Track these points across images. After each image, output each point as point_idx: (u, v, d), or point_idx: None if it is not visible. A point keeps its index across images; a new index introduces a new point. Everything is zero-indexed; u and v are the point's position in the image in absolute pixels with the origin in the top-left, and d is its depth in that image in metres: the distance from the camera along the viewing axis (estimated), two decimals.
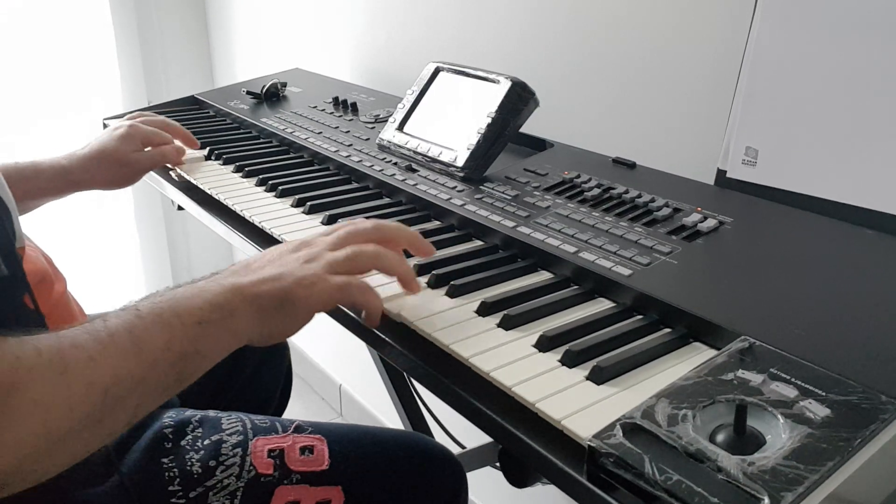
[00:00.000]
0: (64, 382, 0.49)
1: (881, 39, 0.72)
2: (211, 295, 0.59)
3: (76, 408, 0.50)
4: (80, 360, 0.50)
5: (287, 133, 1.19)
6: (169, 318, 0.56)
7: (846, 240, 0.71)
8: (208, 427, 0.78)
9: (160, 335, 0.55)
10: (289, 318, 0.62)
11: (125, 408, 0.53)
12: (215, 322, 0.58)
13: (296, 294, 0.62)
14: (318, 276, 0.63)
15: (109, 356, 0.52)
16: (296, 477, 0.75)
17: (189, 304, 0.57)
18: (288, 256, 0.66)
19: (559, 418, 0.53)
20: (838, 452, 0.45)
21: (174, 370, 0.56)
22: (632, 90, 1.07)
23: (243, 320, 0.60)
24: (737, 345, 0.56)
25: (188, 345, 0.56)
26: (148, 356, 0.54)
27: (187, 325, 0.56)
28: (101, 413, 0.51)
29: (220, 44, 2.24)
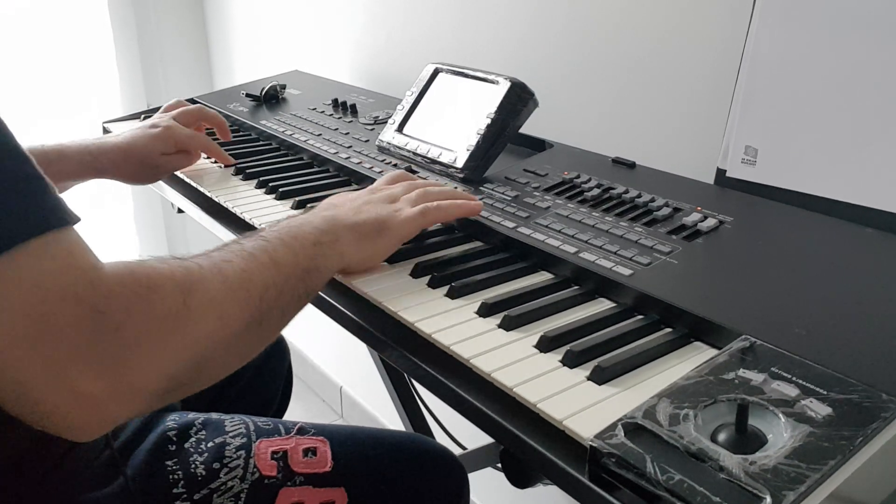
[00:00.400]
0: (228, 287, 0.57)
1: (879, 38, 0.72)
2: (317, 223, 0.70)
3: (243, 309, 0.58)
4: (235, 271, 0.59)
5: (286, 135, 1.19)
6: (290, 240, 0.66)
7: (846, 238, 0.71)
8: (211, 429, 0.78)
9: (288, 254, 0.64)
10: (382, 243, 0.74)
11: (274, 315, 0.62)
12: (326, 244, 0.69)
13: (389, 223, 0.74)
14: (404, 208, 0.77)
15: (255, 269, 0.60)
16: (299, 479, 0.75)
17: (302, 230, 0.68)
18: (369, 196, 0.78)
19: (561, 418, 0.53)
20: (840, 451, 0.45)
21: (302, 284, 0.65)
22: (631, 90, 1.07)
23: (345, 244, 0.70)
24: (738, 344, 0.56)
25: (309, 262, 0.66)
26: (283, 270, 0.63)
27: (306, 246, 0.67)
28: (260, 316, 0.59)
29: (219, 46, 2.24)
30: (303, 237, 0.67)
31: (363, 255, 0.73)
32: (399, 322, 0.68)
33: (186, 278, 0.55)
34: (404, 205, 0.77)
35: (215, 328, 0.55)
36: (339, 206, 0.75)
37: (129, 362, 0.50)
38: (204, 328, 0.54)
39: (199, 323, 0.54)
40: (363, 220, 0.73)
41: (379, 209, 0.75)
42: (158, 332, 0.51)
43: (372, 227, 0.73)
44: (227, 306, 0.56)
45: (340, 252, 0.70)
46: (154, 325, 0.51)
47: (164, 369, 0.52)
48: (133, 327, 0.50)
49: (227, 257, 0.60)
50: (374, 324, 0.70)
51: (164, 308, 0.52)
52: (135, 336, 0.50)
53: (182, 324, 0.53)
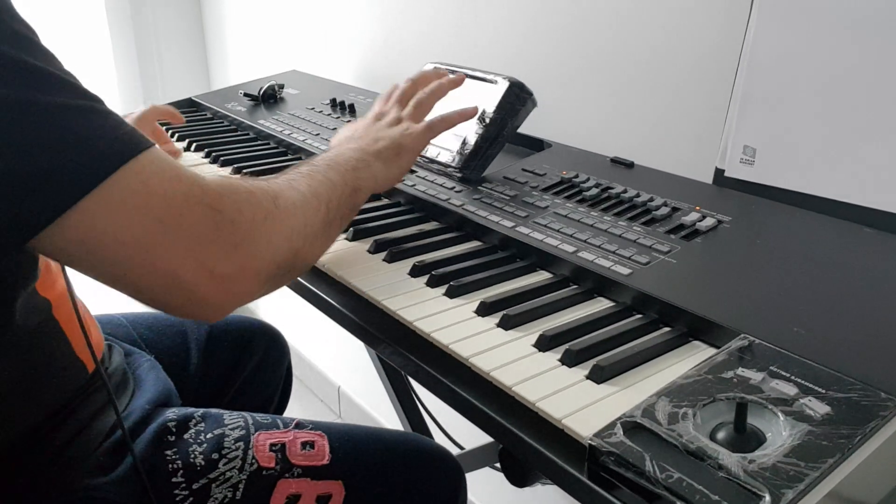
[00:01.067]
0: (302, 197, 0.68)
1: (877, 38, 0.73)
2: (350, 154, 0.79)
3: (317, 212, 0.68)
4: (302, 185, 0.69)
5: (285, 135, 1.19)
6: (336, 166, 0.75)
7: (844, 237, 0.71)
8: (211, 422, 0.79)
9: (337, 177, 0.73)
10: (403, 162, 0.83)
11: (337, 221, 0.72)
12: (362, 168, 0.78)
13: (404, 144, 0.83)
14: (411, 126, 0.85)
15: (318, 184, 0.71)
16: (297, 471, 0.76)
17: (342, 158, 0.77)
18: (377, 124, 0.87)
19: (560, 417, 0.53)
20: (838, 449, 0.45)
21: (350, 200, 0.75)
22: (630, 90, 1.07)
23: (375, 168, 0.79)
24: (736, 343, 0.56)
25: (353, 182, 0.75)
26: (337, 189, 0.72)
27: (348, 171, 0.76)
28: (329, 219, 0.70)
29: (217, 46, 2.24)
30: (343, 163, 0.76)
31: (391, 175, 0.82)
32: (398, 321, 0.68)
33: (270, 187, 0.66)
34: (409, 122, 0.86)
35: (301, 225, 0.66)
36: (358, 139, 0.84)
37: (247, 249, 0.60)
38: (293, 224, 0.65)
39: (288, 220, 0.64)
40: (383, 146, 0.82)
41: (392, 133, 0.84)
42: (263, 226, 0.62)
43: (392, 150, 0.82)
44: (306, 210, 0.67)
45: (374, 174, 0.79)
46: (259, 220, 0.61)
47: (271, 255, 0.62)
48: (244, 222, 0.60)
49: (291, 177, 0.70)
50: (373, 323, 0.70)
51: (262, 209, 0.62)
52: (247, 228, 0.60)
53: (278, 220, 0.63)
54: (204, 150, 1.19)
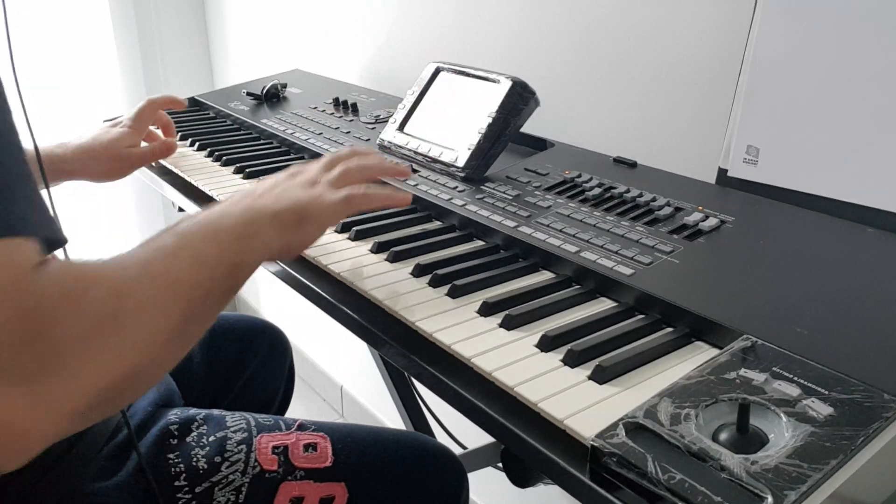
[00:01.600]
0: (154, 291, 0.54)
1: (882, 36, 0.72)
2: (237, 216, 0.65)
3: (172, 312, 0.54)
4: (160, 272, 0.55)
5: (288, 134, 1.19)
6: (213, 235, 0.62)
7: (848, 238, 0.71)
8: (213, 424, 0.79)
9: (212, 251, 0.61)
10: (305, 232, 0.70)
11: (199, 315, 0.58)
12: (249, 237, 0.64)
13: (311, 210, 0.69)
14: (325, 193, 0.71)
15: (180, 267, 0.57)
16: (300, 473, 0.76)
17: (224, 223, 0.64)
18: (288, 182, 0.73)
19: (562, 418, 0.53)
20: (841, 451, 0.45)
21: (227, 281, 0.62)
22: (632, 89, 1.07)
23: (268, 235, 0.66)
24: (739, 344, 0.56)
25: (235, 257, 0.62)
26: (208, 269, 0.59)
27: (230, 241, 0.63)
28: (186, 318, 0.56)
29: (220, 45, 2.24)
30: (225, 232, 0.63)
31: (289, 244, 0.69)
32: (400, 321, 0.68)
33: (116, 280, 0.52)
34: (325, 188, 0.72)
35: (147, 334, 0.51)
36: (257, 194, 0.71)
37: (53, 375, 0.45)
38: (135, 335, 0.50)
39: (130, 329, 0.50)
40: (283, 208, 0.68)
41: (299, 195, 0.70)
42: (87, 340, 0.47)
43: (293, 215, 0.68)
44: (155, 311, 0.53)
45: (265, 243, 0.66)
46: (83, 331, 0.47)
47: (91, 383, 0.47)
48: (61, 333, 0.45)
49: (151, 256, 0.57)
50: (375, 323, 0.70)
51: (94, 314, 0.48)
52: (62, 344, 0.45)
53: (113, 331, 0.49)
54: (207, 149, 1.19)
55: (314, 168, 0.75)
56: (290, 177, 0.74)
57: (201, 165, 1.14)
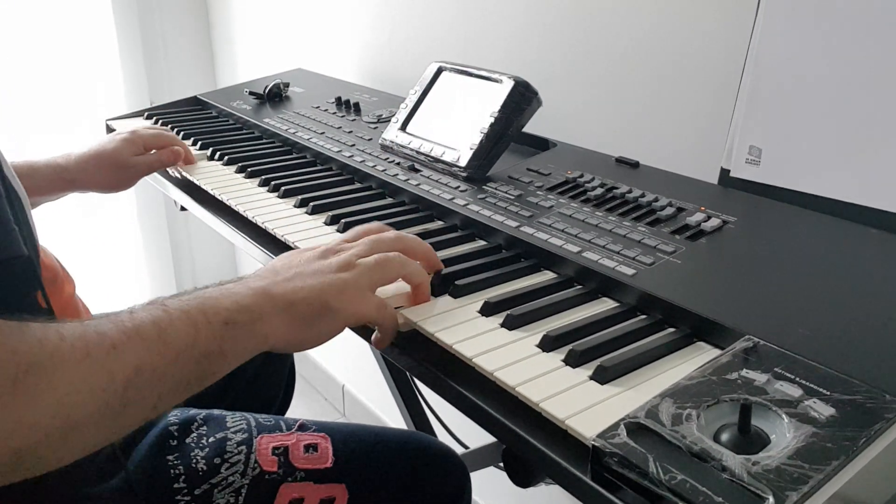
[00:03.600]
0: (85, 369, 0.48)
1: (885, 38, 0.72)
2: (240, 297, 0.58)
3: (96, 396, 0.49)
4: (102, 348, 0.50)
5: (290, 133, 1.19)
6: (196, 315, 0.55)
7: (850, 239, 0.71)
8: (213, 425, 0.78)
9: (185, 331, 0.54)
10: (324, 327, 0.61)
11: (144, 402, 0.52)
12: (242, 324, 0.57)
13: (335, 305, 0.61)
14: (358, 289, 0.62)
15: (133, 347, 0.51)
16: (300, 474, 0.76)
17: (216, 304, 0.57)
18: (317, 263, 0.64)
19: (563, 418, 0.52)
20: (843, 452, 0.45)
21: (198, 368, 0.55)
22: (635, 89, 1.07)
23: (271, 325, 0.59)
24: (741, 344, 0.56)
25: (213, 344, 0.55)
26: (172, 351, 0.53)
27: (213, 324, 0.56)
28: (120, 404, 0.50)
29: (223, 44, 2.24)
30: (213, 313, 0.56)
31: (296, 339, 0.61)
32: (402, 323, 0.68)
33: (31, 351, 0.47)
34: (358, 278, 0.63)
35: (49, 417, 0.47)
36: (278, 274, 0.63)
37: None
38: (33, 415, 0.46)
39: (27, 408, 0.45)
40: (303, 297, 0.60)
41: (326, 282, 0.62)
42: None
43: (313, 308, 0.60)
44: (75, 393, 0.48)
45: (263, 333, 0.58)
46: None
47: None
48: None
49: (103, 328, 0.51)
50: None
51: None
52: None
53: (2, 406, 0.45)
54: (209, 148, 1.19)
55: (350, 248, 0.67)
56: (321, 257, 0.66)
57: (204, 165, 1.14)
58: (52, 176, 1.03)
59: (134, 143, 1.08)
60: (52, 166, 1.03)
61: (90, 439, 0.50)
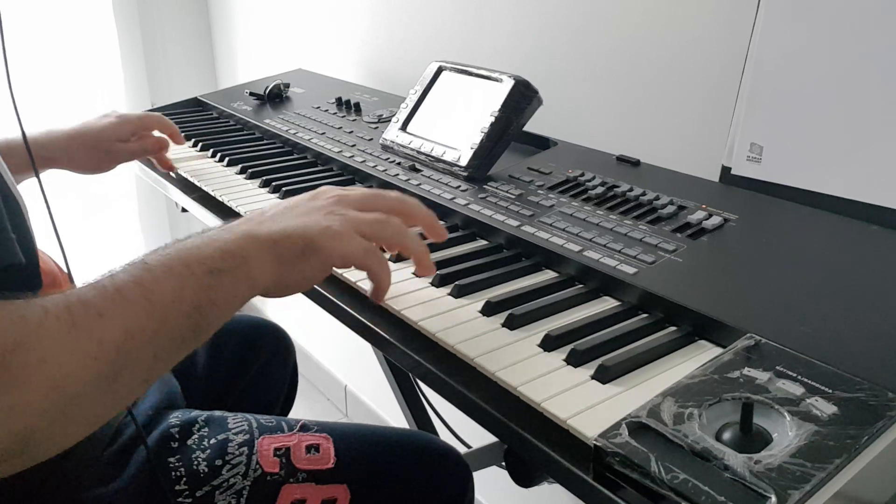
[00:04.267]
0: (73, 339, 0.47)
1: (885, 35, 0.72)
2: (222, 242, 0.56)
3: (88, 365, 0.47)
4: (88, 316, 0.48)
5: (290, 134, 1.19)
6: (179, 268, 0.53)
7: (852, 236, 0.71)
8: (214, 426, 0.78)
9: (170, 286, 0.52)
10: (309, 267, 0.59)
11: (140, 364, 0.51)
12: (228, 270, 0.55)
13: (319, 243, 0.59)
14: (344, 229, 0.60)
15: (119, 311, 0.49)
16: (302, 475, 0.75)
17: (199, 252, 0.55)
18: (307, 204, 0.63)
19: (565, 417, 0.52)
20: (845, 450, 0.45)
21: (189, 321, 0.53)
22: (636, 88, 1.07)
23: (258, 268, 0.57)
24: (742, 342, 0.56)
25: (201, 294, 0.54)
26: (159, 308, 0.51)
27: (198, 275, 0.54)
28: (114, 370, 0.49)
29: (223, 45, 2.24)
30: (197, 263, 0.54)
31: (283, 280, 0.59)
32: (403, 321, 0.68)
33: (15, 328, 0.45)
34: (347, 225, 0.61)
35: (43, 393, 0.45)
36: (266, 216, 0.61)
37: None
38: (27, 394, 0.45)
39: (20, 387, 0.44)
40: (287, 234, 0.58)
41: (311, 221, 0.60)
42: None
43: (294, 245, 0.58)
44: (65, 364, 0.46)
45: (251, 277, 0.56)
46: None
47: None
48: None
49: (86, 296, 0.49)
50: (379, 323, 0.69)
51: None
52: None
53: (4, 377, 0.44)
54: (210, 149, 1.19)
55: (347, 197, 0.64)
56: (312, 199, 0.64)
57: (204, 166, 1.14)
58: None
59: (121, 127, 1.06)
60: (33, 143, 1.01)
61: (91, 410, 0.49)
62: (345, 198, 0.64)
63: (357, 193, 0.65)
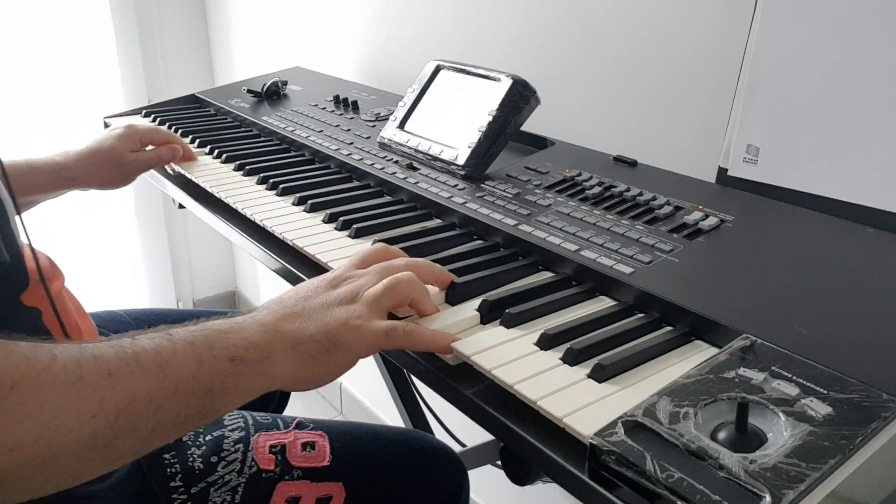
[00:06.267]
0: (75, 392, 0.46)
1: (881, 36, 0.72)
2: (249, 333, 0.56)
3: (85, 422, 0.46)
4: (97, 373, 0.47)
5: (288, 131, 1.19)
6: (201, 348, 0.53)
7: (847, 238, 0.71)
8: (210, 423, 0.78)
9: (188, 364, 0.52)
10: (332, 364, 0.59)
11: (136, 434, 0.50)
12: (249, 361, 0.55)
13: (341, 340, 0.59)
14: (364, 319, 0.60)
15: (130, 375, 0.49)
16: (297, 473, 0.76)
17: (224, 338, 0.55)
18: (326, 295, 0.62)
19: (561, 416, 0.53)
20: (840, 450, 0.45)
21: (197, 402, 0.52)
22: (633, 88, 1.07)
23: (280, 364, 0.57)
24: (738, 343, 0.56)
25: (216, 380, 0.53)
26: (171, 383, 0.50)
27: (219, 359, 0.53)
28: (110, 434, 0.47)
29: (220, 42, 2.24)
30: (220, 348, 0.54)
31: (305, 376, 0.59)
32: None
33: (17, 368, 0.44)
34: (364, 309, 0.61)
35: (31, 439, 0.44)
36: (286, 308, 0.60)
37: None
38: (14, 435, 0.43)
39: (10, 427, 0.43)
40: (311, 334, 0.58)
41: (333, 317, 0.60)
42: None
43: (319, 344, 0.58)
44: (62, 417, 0.45)
45: (270, 373, 0.56)
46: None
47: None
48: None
49: (101, 352, 0.49)
50: None
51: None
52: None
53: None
54: (207, 146, 1.19)
55: (359, 275, 0.65)
56: (330, 287, 0.63)
57: (202, 162, 1.14)
58: (52, 174, 1.03)
59: (130, 138, 1.08)
60: (52, 164, 1.03)
61: (75, 468, 0.48)
62: (358, 277, 0.64)
63: (372, 275, 0.65)
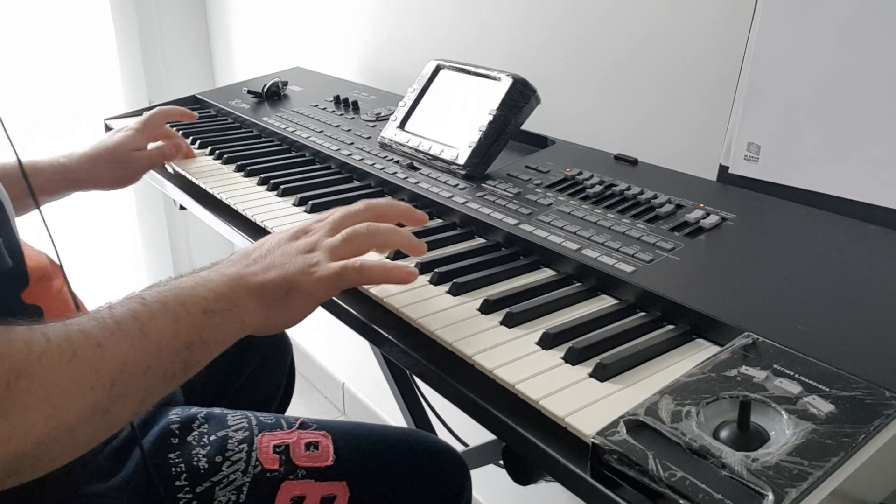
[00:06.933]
0: (73, 369, 0.49)
1: (883, 34, 0.72)
2: (215, 285, 0.60)
3: (86, 395, 0.49)
4: (88, 347, 0.50)
5: (288, 132, 1.19)
6: (174, 306, 0.56)
7: (849, 235, 0.71)
8: (214, 423, 0.79)
9: (166, 323, 0.55)
10: (293, 307, 0.63)
11: (132, 396, 0.53)
12: (220, 312, 0.58)
13: (300, 283, 0.63)
14: (319, 264, 0.64)
15: (116, 343, 0.52)
16: (301, 472, 0.76)
17: (194, 293, 0.58)
18: (287, 245, 0.67)
19: (563, 415, 0.53)
20: (842, 448, 0.45)
21: (180, 358, 0.56)
22: (634, 87, 1.07)
23: (247, 310, 0.60)
24: (740, 341, 0.56)
25: (194, 333, 0.56)
26: (154, 344, 0.54)
27: (192, 314, 0.57)
28: (109, 401, 0.51)
29: (221, 43, 2.24)
30: (192, 303, 0.57)
31: (271, 321, 0.62)
32: (401, 319, 0.68)
33: (20, 356, 0.47)
34: (322, 255, 0.65)
35: (42, 420, 0.47)
36: (251, 259, 0.64)
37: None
38: (27, 420, 0.46)
39: (21, 413, 0.46)
40: (269, 279, 0.62)
41: (292, 265, 0.64)
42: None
43: (280, 288, 0.62)
44: (65, 394, 0.48)
45: (240, 320, 0.60)
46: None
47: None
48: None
49: (86, 327, 0.51)
50: (377, 321, 0.70)
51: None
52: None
53: (6, 405, 0.45)
54: (208, 147, 1.19)
55: (319, 228, 0.69)
56: (291, 238, 0.68)
57: (203, 163, 1.14)
58: (56, 176, 1.03)
59: (133, 138, 1.08)
60: (56, 166, 1.03)
61: (82, 438, 0.51)
62: (318, 230, 0.68)
63: (327, 222, 0.69)
